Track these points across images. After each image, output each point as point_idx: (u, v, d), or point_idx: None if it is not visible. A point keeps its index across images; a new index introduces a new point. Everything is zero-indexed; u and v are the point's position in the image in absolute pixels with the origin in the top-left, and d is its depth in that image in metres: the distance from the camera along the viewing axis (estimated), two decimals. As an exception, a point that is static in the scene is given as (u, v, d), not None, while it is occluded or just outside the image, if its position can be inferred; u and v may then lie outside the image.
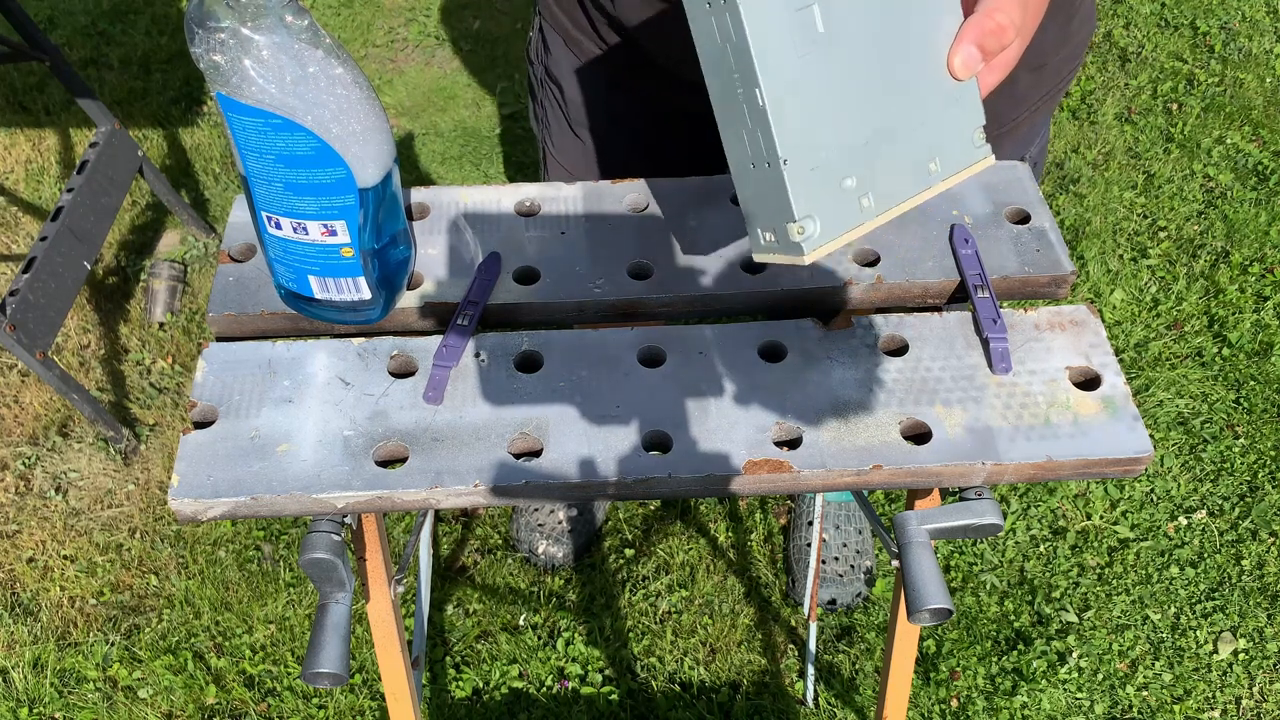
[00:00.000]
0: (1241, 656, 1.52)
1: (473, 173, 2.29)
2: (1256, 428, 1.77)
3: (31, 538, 1.65)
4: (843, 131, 0.58)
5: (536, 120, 1.10)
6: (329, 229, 0.66)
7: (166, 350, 1.90)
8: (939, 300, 0.78)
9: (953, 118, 0.62)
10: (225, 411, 0.69)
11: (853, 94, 0.57)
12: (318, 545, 0.67)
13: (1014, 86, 0.89)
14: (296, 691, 1.49)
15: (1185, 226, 2.09)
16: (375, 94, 0.65)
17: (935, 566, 0.68)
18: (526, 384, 0.70)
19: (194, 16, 0.58)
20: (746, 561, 1.63)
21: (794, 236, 0.57)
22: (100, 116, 1.81)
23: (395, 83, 2.50)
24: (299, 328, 0.76)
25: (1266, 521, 1.65)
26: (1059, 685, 1.50)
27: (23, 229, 2.12)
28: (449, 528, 1.67)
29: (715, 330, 0.73)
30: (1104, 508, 1.68)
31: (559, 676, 1.51)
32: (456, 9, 2.69)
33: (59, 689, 1.49)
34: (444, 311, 0.76)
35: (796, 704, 1.48)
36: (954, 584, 1.60)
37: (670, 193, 0.83)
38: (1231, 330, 1.90)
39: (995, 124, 0.92)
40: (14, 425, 1.79)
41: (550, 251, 0.79)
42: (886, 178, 0.60)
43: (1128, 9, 2.59)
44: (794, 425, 0.68)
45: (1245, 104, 2.33)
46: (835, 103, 0.57)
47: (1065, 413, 0.69)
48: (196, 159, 2.27)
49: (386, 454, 0.68)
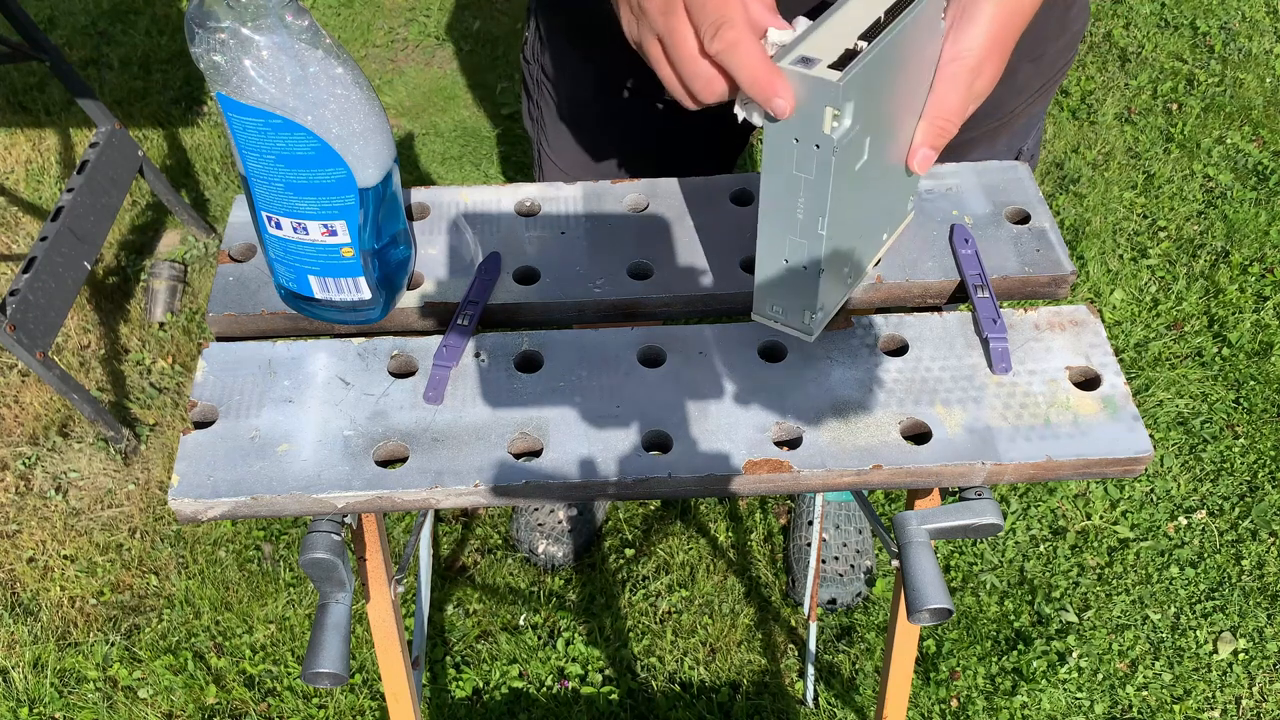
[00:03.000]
0: (1241, 656, 1.52)
1: (473, 173, 2.29)
2: (1256, 428, 1.77)
3: (31, 538, 1.65)
4: (854, 235, 0.67)
5: (531, 119, 1.10)
6: (329, 229, 0.66)
7: (166, 350, 1.90)
8: (939, 300, 0.78)
9: (902, 192, 0.73)
10: (225, 411, 0.69)
11: (861, 205, 0.66)
12: (318, 545, 0.67)
13: (1014, 77, 0.89)
14: (296, 691, 1.49)
15: (1185, 226, 2.09)
16: (375, 94, 0.65)
17: (935, 566, 0.68)
18: (526, 384, 0.70)
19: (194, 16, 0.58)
20: (746, 561, 1.63)
21: (807, 321, 0.68)
22: (100, 116, 1.81)
23: (395, 83, 2.50)
24: (299, 328, 0.76)
25: (1266, 521, 1.65)
26: (1059, 685, 1.50)
27: (23, 229, 2.12)
28: (449, 528, 1.67)
29: (715, 330, 0.73)
30: (1104, 508, 1.68)
31: (559, 676, 1.51)
32: (456, 9, 2.69)
33: (59, 689, 1.49)
34: (444, 311, 0.76)
35: (796, 704, 1.48)
36: (954, 584, 1.60)
37: (670, 193, 0.83)
38: (1231, 330, 1.90)
39: (994, 115, 0.92)
40: (14, 425, 1.79)
41: (550, 251, 0.79)
42: (861, 255, 0.71)
43: (1128, 9, 2.59)
44: (794, 425, 0.68)
45: (1245, 104, 2.33)
46: (855, 215, 0.65)
47: (1065, 413, 0.69)
48: (196, 159, 2.27)
49: (386, 454, 0.68)
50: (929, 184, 0.83)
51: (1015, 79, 0.89)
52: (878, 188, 0.67)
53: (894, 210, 0.73)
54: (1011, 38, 0.63)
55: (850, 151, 0.59)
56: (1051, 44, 0.89)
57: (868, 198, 0.66)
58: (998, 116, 0.92)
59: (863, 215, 0.67)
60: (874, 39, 0.57)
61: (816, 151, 0.58)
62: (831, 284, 0.67)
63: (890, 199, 0.71)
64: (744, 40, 0.56)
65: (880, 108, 0.60)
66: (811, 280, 0.65)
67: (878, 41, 0.56)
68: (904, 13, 0.58)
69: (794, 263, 0.65)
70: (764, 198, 0.63)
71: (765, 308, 0.70)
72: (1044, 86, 0.93)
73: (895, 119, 0.63)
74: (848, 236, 0.66)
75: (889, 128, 0.63)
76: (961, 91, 0.63)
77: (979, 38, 0.62)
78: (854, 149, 0.59)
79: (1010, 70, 0.88)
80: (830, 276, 0.66)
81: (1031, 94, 0.93)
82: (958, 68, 0.63)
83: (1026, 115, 0.95)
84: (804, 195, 0.60)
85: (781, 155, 0.59)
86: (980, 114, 0.91)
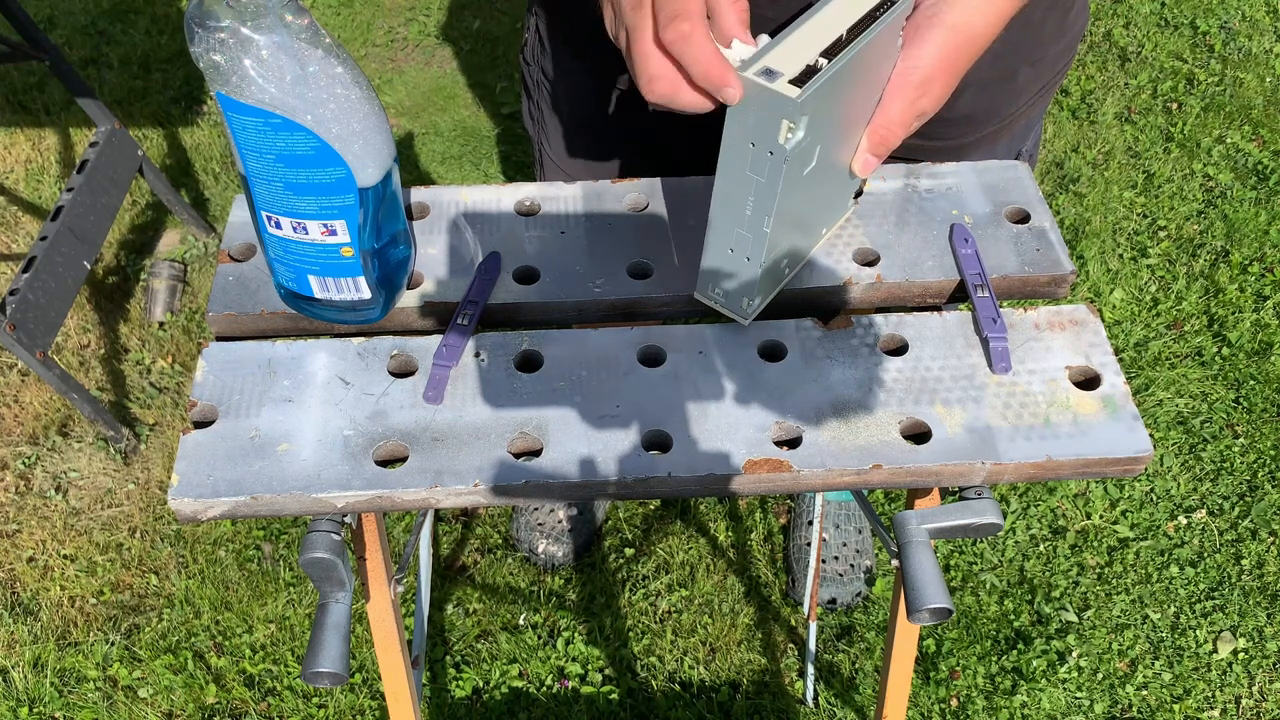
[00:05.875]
0: (1241, 656, 1.52)
1: (473, 173, 2.29)
2: (1256, 427, 1.77)
3: (31, 537, 1.65)
4: (795, 232, 0.71)
5: (531, 120, 1.10)
6: (329, 229, 0.66)
7: (166, 350, 1.90)
8: (939, 300, 0.78)
9: (844, 191, 0.77)
10: (225, 411, 0.69)
11: (805, 203, 0.70)
12: (318, 545, 0.67)
13: (1013, 80, 0.89)
14: (296, 691, 1.49)
15: (1185, 226, 2.09)
16: (375, 94, 0.65)
17: (935, 566, 0.68)
18: (526, 384, 0.70)
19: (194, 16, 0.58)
20: (746, 561, 1.63)
21: (745, 307, 0.72)
22: (100, 116, 1.81)
23: (395, 83, 2.50)
24: (299, 327, 0.76)
25: (1266, 521, 1.65)
26: (1059, 685, 1.50)
27: (23, 229, 2.12)
28: (449, 527, 1.67)
29: (715, 330, 0.73)
30: (1104, 507, 1.68)
31: (559, 676, 1.51)
32: (456, 9, 2.69)
33: (59, 688, 1.49)
34: (444, 311, 0.76)
35: (796, 703, 1.49)
36: (954, 584, 1.60)
37: (670, 192, 0.83)
38: (1231, 330, 1.90)
39: (994, 119, 0.92)
40: (14, 425, 1.79)
41: (550, 251, 0.79)
42: (800, 247, 0.75)
43: (1128, 9, 2.59)
44: (794, 425, 0.68)
45: (1245, 104, 2.33)
46: (796, 213, 0.69)
47: (1065, 412, 0.69)
48: (196, 159, 2.27)
49: (386, 453, 0.68)
50: (929, 184, 0.83)
51: (1015, 82, 0.89)
52: (822, 189, 0.71)
53: (835, 207, 0.78)
54: (963, 62, 0.66)
55: (800, 159, 0.62)
56: (1051, 47, 0.89)
57: (812, 198, 0.70)
58: (997, 120, 0.92)
59: (805, 213, 0.71)
60: (834, 57, 0.59)
61: (770, 158, 0.61)
62: (770, 273, 0.71)
63: (832, 197, 0.76)
64: (697, 32, 0.57)
65: (832, 120, 0.63)
66: (753, 270, 0.69)
67: (837, 60, 0.59)
68: (864, 32, 0.61)
69: (738, 253, 0.68)
70: (717, 190, 0.66)
71: (707, 289, 0.73)
72: (1043, 89, 0.93)
73: (845, 128, 0.66)
74: (790, 234, 0.70)
75: (839, 136, 0.66)
76: (907, 103, 0.65)
77: (929, 56, 0.64)
78: (804, 157, 0.63)
79: (1009, 74, 0.88)
80: (769, 267, 0.70)
81: (1031, 96, 0.93)
82: (904, 81, 0.65)
83: (1026, 118, 0.95)
84: (754, 195, 0.64)
85: (738, 155, 0.63)
86: (980, 118, 0.91)
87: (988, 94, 0.88)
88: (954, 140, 0.92)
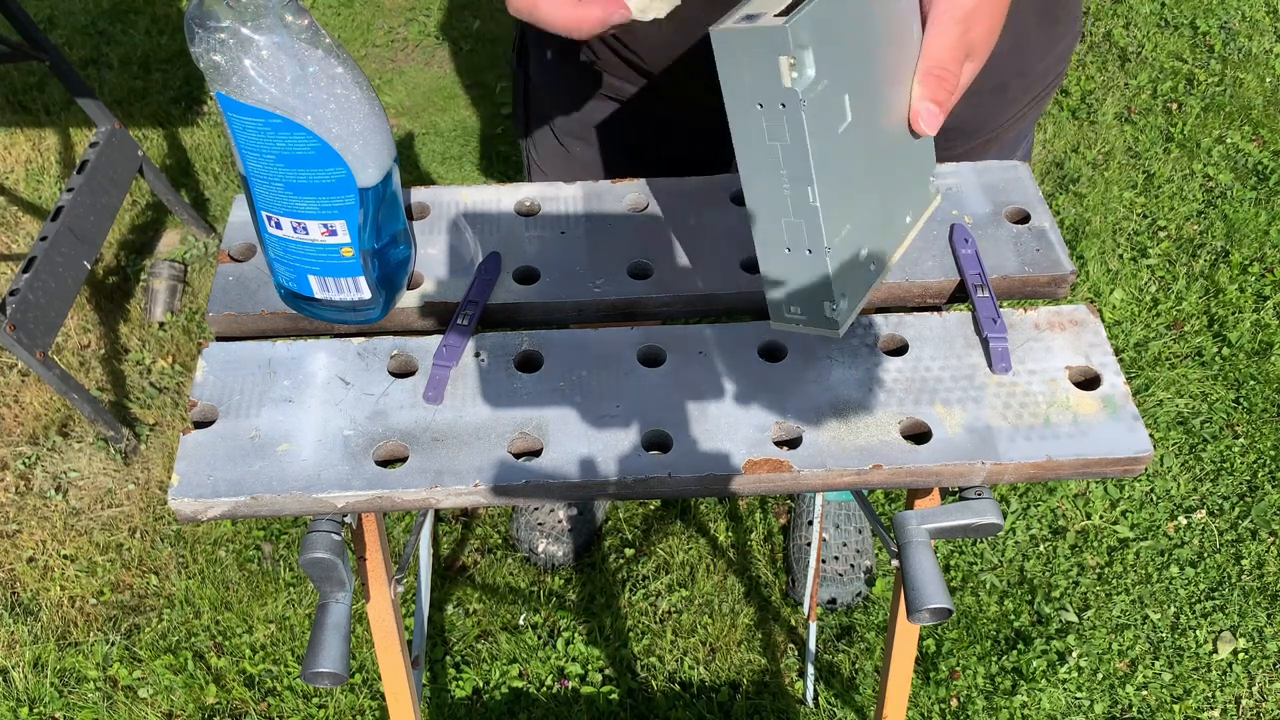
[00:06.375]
0: (1241, 656, 1.52)
1: (473, 173, 2.29)
2: (1256, 427, 1.77)
3: (31, 537, 1.65)
4: (859, 209, 0.60)
5: (522, 129, 1.09)
6: (329, 229, 0.66)
7: (166, 350, 1.90)
8: (939, 300, 0.78)
9: (916, 170, 0.67)
10: (225, 411, 0.69)
11: (862, 172, 0.60)
12: (318, 545, 0.67)
13: (1004, 92, 0.89)
14: (296, 691, 1.49)
15: (1185, 226, 2.09)
16: (375, 94, 0.65)
17: (935, 566, 0.68)
18: (526, 384, 0.70)
19: (194, 16, 0.58)
20: (746, 561, 1.63)
21: (829, 314, 0.61)
22: (100, 116, 1.81)
23: (395, 83, 2.50)
24: (299, 327, 0.76)
25: (1266, 521, 1.65)
26: (1059, 685, 1.50)
27: (23, 229, 2.12)
28: (449, 527, 1.67)
29: (715, 330, 0.73)
30: (1104, 507, 1.68)
31: (559, 676, 1.51)
32: (456, 9, 2.69)
33: (59, 689, 1.49)
34: (444, 311, 0.76)
35: (796, 703, 1.48)
36: (954, 584, 1.60)
37: (670, 193, 0.83)
38: (1231, 330, 1.90)
39: (985, 130, 0.92)
40: (14, 425, 1.79)
41: (550, 251, 0.79)
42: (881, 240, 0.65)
43: (1128, 9, 2.59)
44: (794, 425, 0.68)
45: (1245, 104, 2.33)
46: (854, 184, 0.59)
47: (1065, 412, 0.69)
48: (196, 159, 2.27)
49: (386, 454, 0.68)
50: (929, 184, 0.82)
51: (1005, 94, 0.89)
52: (881, 160, 0.61)
53: (911, 190, 0.67)
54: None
55: (827, 111, 0.54)
56: (1041, 60, 0.89)
57: (870, 170, 0.60)
58: (987, 131, 0.92)
59: (869, 193, 0.61)
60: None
61: (784, 111, 0.52)
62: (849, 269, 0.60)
63: (902, 176, 0.65)
64: None
65: (854, 63, 0.55)
66: (819, 263, 0.58)
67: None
68: None
69: (796, 249, 0.58)
70: (747, 185, 0.58)
71: (783, 312, 0.63)
72: (1033, 101, 0.93)
73: (881, 80, 0.58)
74: (858, 218, 0.60)
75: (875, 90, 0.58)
76: (955, 38, 0.59)
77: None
78: (831, 109, 0.54)
79: (1000, 86, 0.88)
80: (845, 259, 0.60)
81: (1021, 108, 0.92)
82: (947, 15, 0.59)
83: (1016, 129, 0.95)
84: (785, 166, 0.55)
85: (750, 131, 0.54)
86: (969, 129, 0.91)
87: (977, 105, 0.87)
88: (944, 151, 0.91)
